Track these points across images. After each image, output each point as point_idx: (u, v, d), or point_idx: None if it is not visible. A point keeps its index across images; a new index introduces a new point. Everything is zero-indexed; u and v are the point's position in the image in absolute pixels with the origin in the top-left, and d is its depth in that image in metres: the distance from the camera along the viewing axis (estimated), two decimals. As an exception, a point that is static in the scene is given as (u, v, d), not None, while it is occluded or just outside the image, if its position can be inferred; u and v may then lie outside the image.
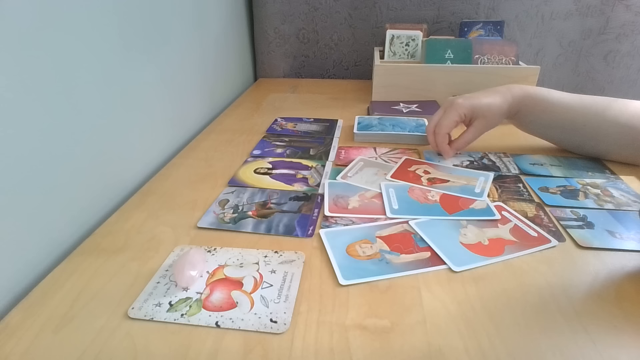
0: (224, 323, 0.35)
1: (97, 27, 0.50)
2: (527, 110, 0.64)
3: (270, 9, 1.10)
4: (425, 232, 0.46)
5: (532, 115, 0.64)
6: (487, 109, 0.62)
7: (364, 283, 0.39)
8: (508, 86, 0.65)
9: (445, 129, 0.62)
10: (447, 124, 0.62)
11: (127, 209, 0.53)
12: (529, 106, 0.63)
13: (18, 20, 0.39)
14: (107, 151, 0.54)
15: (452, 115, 0.61)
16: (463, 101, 0.62)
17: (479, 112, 0.62)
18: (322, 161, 0.65)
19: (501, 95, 0.63)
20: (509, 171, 0.61)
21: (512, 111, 0.64)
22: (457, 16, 1.07)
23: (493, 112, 0.62)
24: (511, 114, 0.65)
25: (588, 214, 0.50)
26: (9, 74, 0.38)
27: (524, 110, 0.64)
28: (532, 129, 0.67)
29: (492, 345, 0.33)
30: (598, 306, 0.37)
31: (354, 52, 1.15)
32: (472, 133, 0.63)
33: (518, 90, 0.64)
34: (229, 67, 1.00)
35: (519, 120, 0.66)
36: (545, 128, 0.65)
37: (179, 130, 0.74)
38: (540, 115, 0.63)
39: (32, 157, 0.42)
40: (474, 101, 0.62)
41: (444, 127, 0.62)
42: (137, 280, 0.40)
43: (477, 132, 0.64)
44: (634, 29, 1.03)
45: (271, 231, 0.48)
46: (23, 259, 0.41)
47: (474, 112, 0.62)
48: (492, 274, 0.41)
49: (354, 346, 0.33)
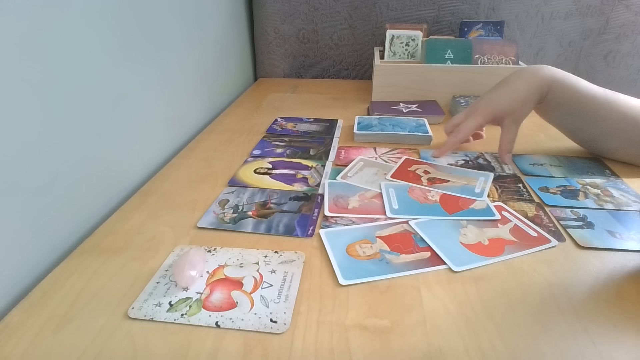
0: (224, 323, 0.35)
1: (96, 27, 0.50)
2: (554, 96, 0.61)
3: (270, 9, 1.10)
4: (425, 232, 0.46)
5: (558, 102, 0.62)
6: (511, 105, 0.60)
7: (364, 283, 0.39)
8: (531, 69, 0.62)
9: (462, 135, 0.61)
10: (465, 131, 0.61)
11: (127, 209, 0.53)
12: (557, 92, 0.61)
13: (18, 21, 0.39)
14: (107, 151, 0.54)
15: (471, 123, 0.61)
16: (484, 107, 0.61)
17: (504, 113, 0.61)
18: (322, 161, 0.65)
19: (525, 82, 0.61)
20: (503, 171, 0.61)
21: (542, 95, 0.61)
22: (457, 16, 1.07)
23: (518, 105, 0.60)
24: (541, 99, 0.62)
25: (588, 214, 0.50)
26: (9, 74, 0.38)
27: (551, 96, 0.61)
28: (552, 116, 0.65)
29: (492, 345, 0.33)
30: (598, 306, 0.37)
31: (354, 52, 1.15)
32: (508, 133, 0.62)
33: (545, 73, 0.61)
34: (229, 67, 1.00)
35: (543, 106, 0.64)
36: (567, 116, 0.63)
37: (178, 131, 0.74)
38: (566, 103, 0.61)
39: (32, 157, 0.42)
40: (494, 104, 0.60)
41: (461, 134, 0.61)
42: (137, 280, 0.40)
43: (511, 129, 0.62)
44: (634, 29, 1.03)
45: (271, 231, 0.48)
46: (23, 259, 0.41)
47: (497, 114, 0.61)
48: (492, 274, 0.41)
49: (354, 346, 0.33)
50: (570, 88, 0.61)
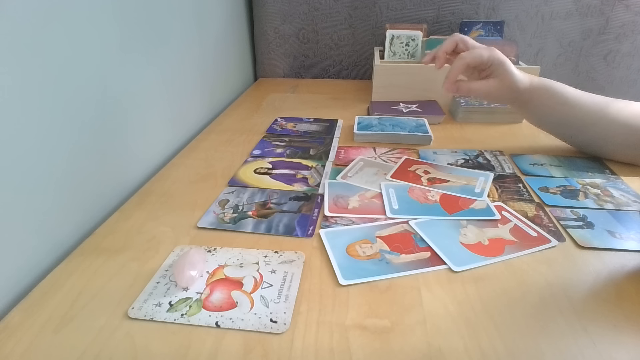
0: (224, 323, 0.35)
1: (97, 26, 0.50)
2: (541, 101, 0.62)
3: (270, 9, 1.10)
4: (425, 232, 0.46)
5: (546, 107, 0.62)
6: (507, 71, 0.60)
7: (364, 283, 0.39)
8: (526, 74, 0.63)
9: (455, 67, 0.60)
10: (457, 65, 0.60)
11: (127, 209, 0.53)
12: (544, 97, 0.62)
13: (18, 21, 0.39)
14: (107, 151, 0.54)
15: (468, 57, 0.59)
16: (488, 52, 0.60)
17: (498, 70, 0.60)
18: (322, 161, 0.65)
19: (524, 75, 0.62)
20: (503, 170, 0.61)
21: (526, 95, 0.62)
22: (457, 16, 1.07)
23: (510, 79, 0.60)
24: (524, 99, 0.63)
25: (588, 214, 0.50)
26: (9, 74, 0.38)
27: (537, 100, 0.62)
28: (543, 123, 0.66)
29: (492, 345, 0.33)
30: (598, 306, 0.37)
31: (354, 52, 1.15)
32: (480, 86, 0.61)
33: (536, 78, 0.62)
34: (229, 67, 1.00)
35: (531, 111, 0.65)
36: (556, 123, 0.64)
37: (179, 130, 0.74)
38: (554, 108, 0.62)
39: (32, 157, 0.42)
40: (499, 55, 0.60)
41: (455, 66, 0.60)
42: (137, 280, 0.40)
43: (485, 89, 0.61)
44: (634, 29, 1.03)
45: (271, 231, 0.48)
46: (23, 259, 0.41)
47: (493, 65, 0.60)
48: (492, 274, 0.41)
49: (354, 346, 0.33)
50: (557, 93, 0.62)
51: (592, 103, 0.60)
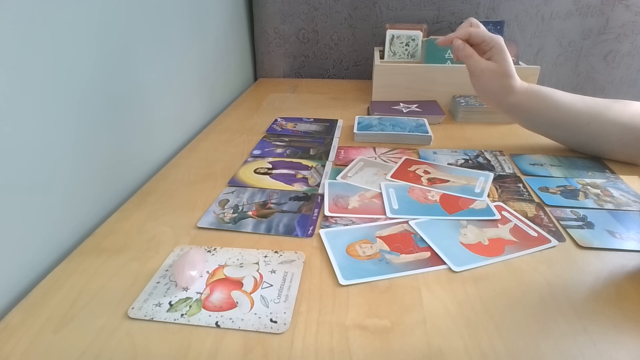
0: (224, 323, 0.35)
1: (96, 26, 0.50)
2: (531, 105, 0.63)
3: (270, 9, 1.10)
4: (425, 232, 0.46)
5: (536, 110, 0.63)
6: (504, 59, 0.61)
7: (364, 283, 0.39)
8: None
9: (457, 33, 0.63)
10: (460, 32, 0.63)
11: (127, 209, 0.53)
12: (533, 101, 0.62)
13: (18, 20, 0.39)
14: (107, 151, 0.54)
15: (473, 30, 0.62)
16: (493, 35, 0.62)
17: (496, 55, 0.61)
18: (322, 161, 0.65)
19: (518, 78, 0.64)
20: (503, 170, 0.61)
21: (515, 96, 0.63)
22: (457, 16, 1.07)
23: (505, 67, 0.61)
24: (515, 101, 0.63)
25: (588, 214, 0.50)
26: (9, 73, 0.38)
27: (526, 104, 0.63)
28: (537, 126, 0.66)
29: (492, 345, 0.33)
30: (598, 306, 0.37)
31: (354, 52, 1.15)
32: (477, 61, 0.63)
33: (525, 83, 0.64)
34: (228, 67, 1.00)
35: (522, 116, 0.65)
36: (549, 126, 0.65)
37: (179, 130, 0.74)
38: (544, 111, 0.63)
39: (31, 156, 0.42)
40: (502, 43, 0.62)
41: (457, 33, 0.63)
42: (137, 280, 0.40)
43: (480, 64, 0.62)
44: (634, 29, 1.03)
45: (271, 231, 0.48)
46: (23, 259, 0.41)
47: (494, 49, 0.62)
48: (492, 274, 0.41)
49: (354, 346, 0.33)
50: (546, 97, 0.62)
51: (583, 104, 0.61)
